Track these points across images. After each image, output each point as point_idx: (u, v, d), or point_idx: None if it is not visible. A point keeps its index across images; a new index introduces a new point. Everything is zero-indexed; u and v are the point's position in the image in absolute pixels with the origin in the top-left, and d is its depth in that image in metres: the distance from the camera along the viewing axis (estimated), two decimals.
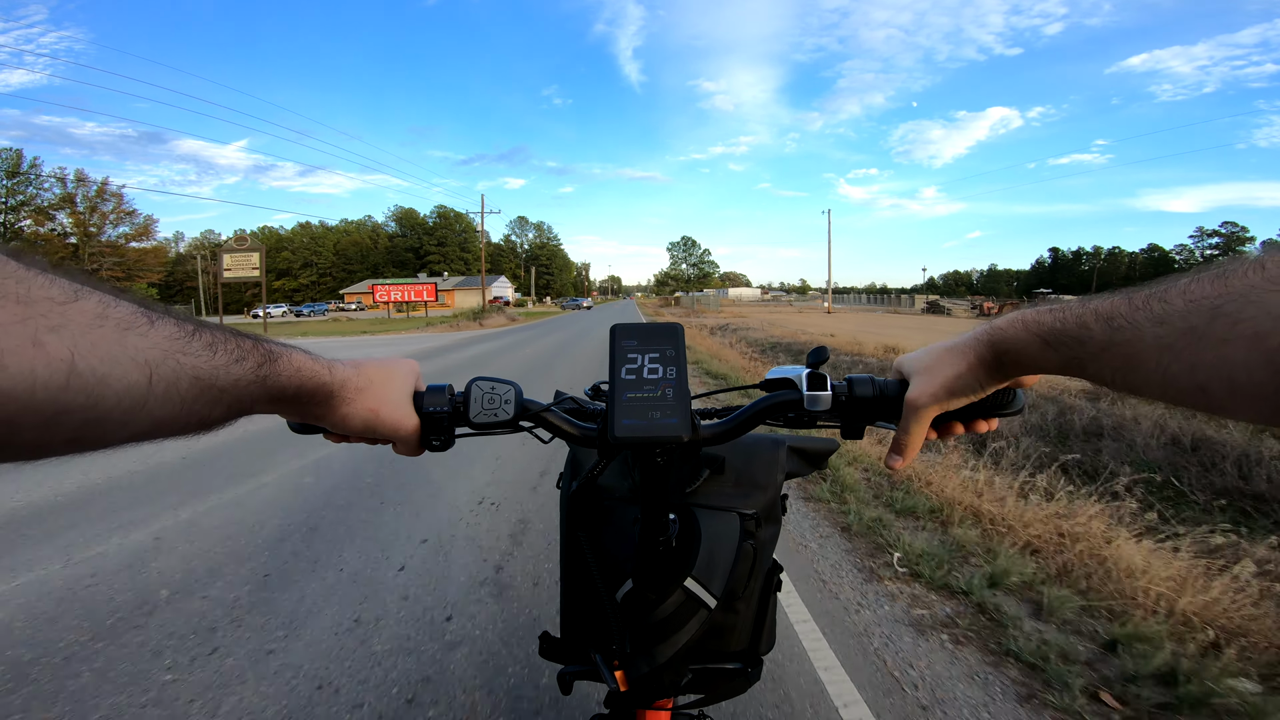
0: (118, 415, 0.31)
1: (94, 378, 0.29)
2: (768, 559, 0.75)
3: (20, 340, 0.26)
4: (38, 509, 3.29)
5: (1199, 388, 0.33)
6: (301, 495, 3.54)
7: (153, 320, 0.33)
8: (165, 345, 0.33)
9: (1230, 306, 0.31)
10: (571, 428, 0.59)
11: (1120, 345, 0.38)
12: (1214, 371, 0.32)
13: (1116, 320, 0.38)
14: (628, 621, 0.66)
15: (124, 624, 2.15)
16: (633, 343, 0.54)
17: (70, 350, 0.28)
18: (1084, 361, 0.41)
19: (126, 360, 0.31)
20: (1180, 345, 0.33)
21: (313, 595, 2.37)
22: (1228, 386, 0.31)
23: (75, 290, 0.30)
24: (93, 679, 1.85)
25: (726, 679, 0.74)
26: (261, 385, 0.42)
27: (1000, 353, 0.49)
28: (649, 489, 0.58)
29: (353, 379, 0.52)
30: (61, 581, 2.45)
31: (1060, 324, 0.43)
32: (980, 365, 0.51)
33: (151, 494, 3.55)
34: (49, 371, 0.27)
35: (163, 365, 0.33)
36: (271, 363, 0.43)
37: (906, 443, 0.55)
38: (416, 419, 0.56)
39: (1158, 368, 0.35)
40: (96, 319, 0.30)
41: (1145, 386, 0.37)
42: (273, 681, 1.85)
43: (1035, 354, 0.46)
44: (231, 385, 0.39)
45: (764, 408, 0.58)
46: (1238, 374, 0.30)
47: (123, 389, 0.31)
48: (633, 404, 0.51)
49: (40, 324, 0.27)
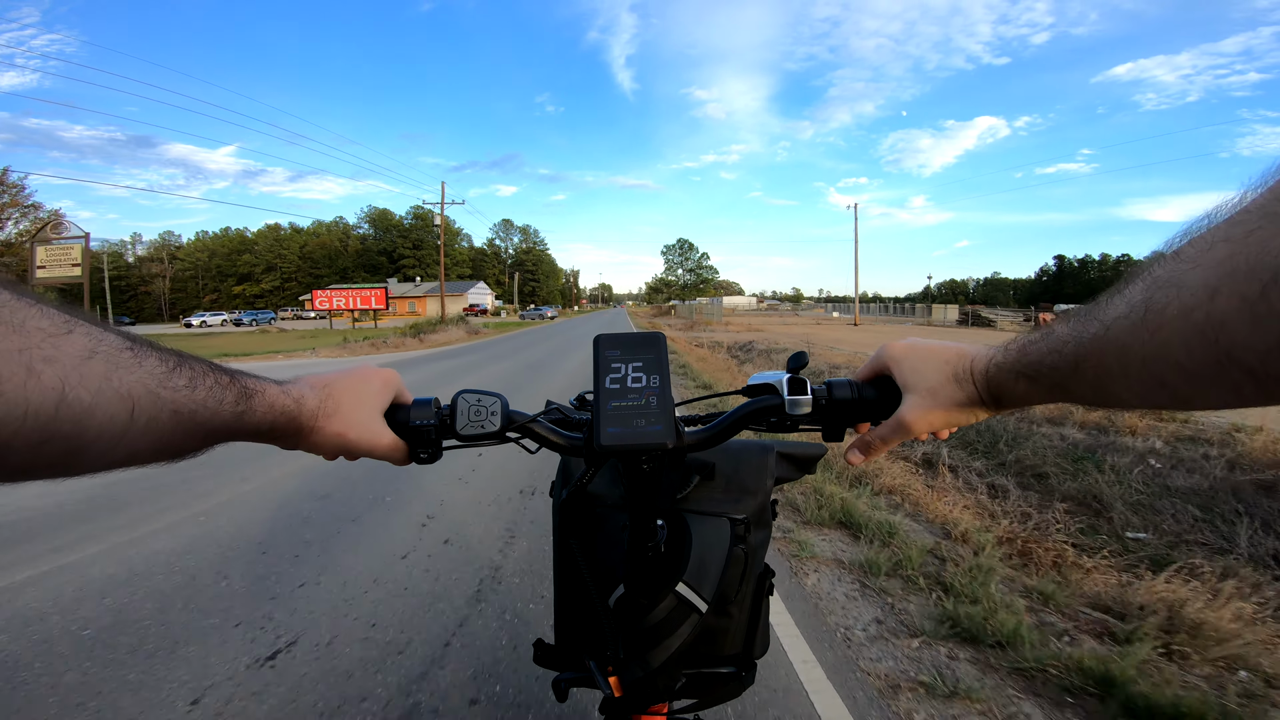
0: (100, 445, 0.32)
1: (81, 408, 0.30)
2: (759, 563, 0.74)
3: (17, 368, 0.28)
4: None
5: (1159, 383, 0.33)
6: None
7: (138, 355, 0.35)
8: (148, 381, 0.35)
9: (1157, 295, 0.32)
10: (558, 438, 0.60)
11: (1086, 360, 0.38)
12: (1163, 362, 0.32)
13: (1076, 340, 0.39)
14: (621, 627, 0.66)
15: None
16: (616, 352, 0.55)
17: (61, 381, 0.29)
18: (1064, 386, 0.42)
19: (112, 393, 0.32)
20: (1128, 345, 0.34)
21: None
22: (1178, 373, 0.32)
23: (66, 322, 0.31)
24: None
25: (720, 683, 0.74)
26: (238, 421, 0.43)
27: (996, 393, 0.49)
28: (637, 496, 0.58)
29: (322, 405, 0.52)
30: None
31: (1034, 357, 0.44)
32: (979, 401, 0.51)
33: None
34: (41, 400, 0.28)
35: (145, 400, 0.34)
36: (248, 399, 0.44)
37: (879, 447, 0.56)
38: (390, 435, 0.56)
39: (1121, 373, 0.36)
40: (87, 353, 0.32)
41: (1121, 396, 0.38)
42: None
43: (1024, 390, 0.46)
44: (209, 420, 0.40)
45: (746, 413, 0.59)
46: (1180, 357, 0.31)
47: (106, 420, 0.32)
48: (617, 413, 0.51)
49: (35, 354, 0.29)
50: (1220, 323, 0.28)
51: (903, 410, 0.53)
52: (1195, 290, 0.29)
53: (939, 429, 0.53)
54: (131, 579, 2.53)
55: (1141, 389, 0.35)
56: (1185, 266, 0.30)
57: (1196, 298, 0.29)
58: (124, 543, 2.93)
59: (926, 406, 0.52)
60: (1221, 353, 0.28)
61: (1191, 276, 0.30)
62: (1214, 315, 0.28)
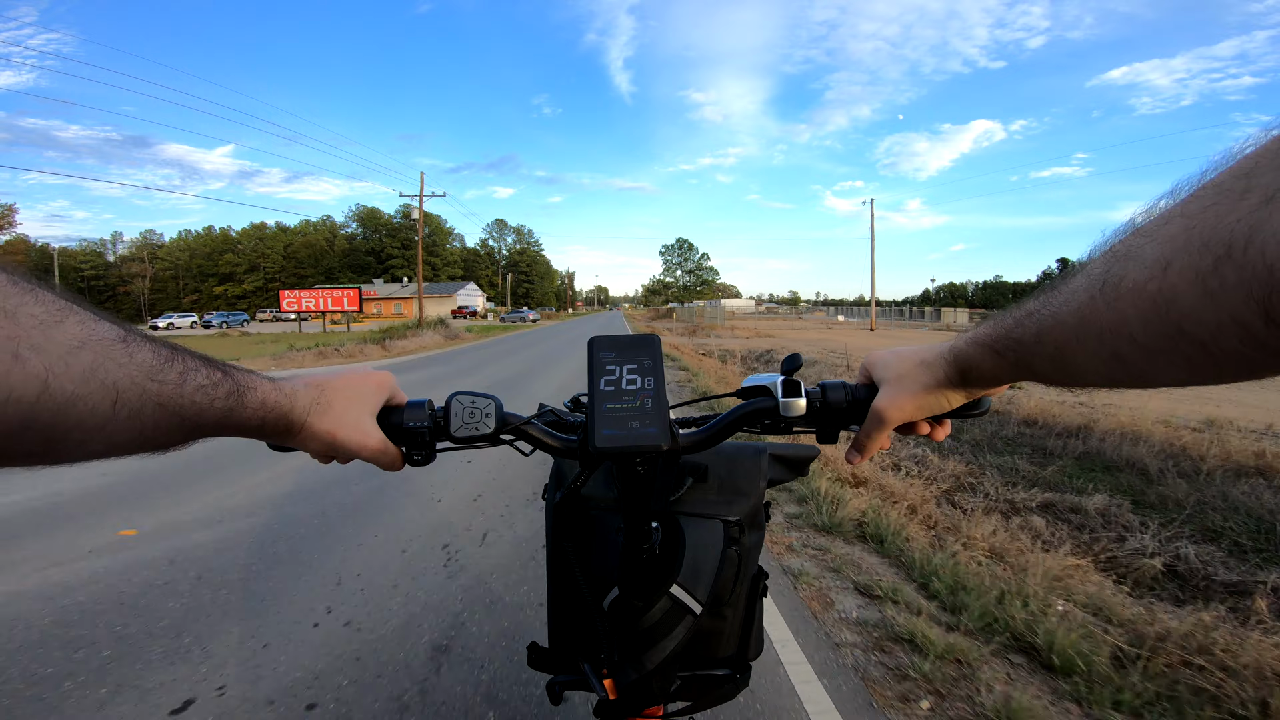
0: (78, 435, 0.32)
1: (64, 398, 0.30)
2: (753, 565, 0.74)
3: (2, 355, 0.27)
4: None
5: (1115, 356, 0.34)
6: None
7: (130, 347, 0.34)
8: (135, 374, 0.34)
9: (1115, 268, 0.32)
10: (552, 440, 0.60)
11: (1046, 334, 0.39)
12: (1118, 335, 0.33)
13: (1039, 312, 0.40)
14: (615, 629, 0.65)
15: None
16: (611, 354, 0.54)
17: (46, 369, 0.29)
18: (1028, 361, 0.43)
19: (97, 385, 0.32)
20: (1087, 317, 0.35)
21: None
22: (1133, 346, 0.32)
23: (60, 310, 0.31)
24: None
25: (715, 685, 0.74)
26: (227, 417, 0.42)
27: (964, 369, 0.51)
28: (631, 498, 0.58)
29: (315, 402, 0.51)
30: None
31: (1002, 329, 0.45)
32: (948, 382, 0.52)
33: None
34: (24, 388, 0.28)
35: (130, 392, 0.34)
36: (239, 396, 0.43)
37: (868, 445, 0.58)
38: (379, 436, 0.55)
39: (1080, 346, 0.36)
40: (78, 343, 0.31)
41: (1080, 373, 0.39)
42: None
43: (991, 365, 0.47)
44: (196, 416, 0.39)
45: (741, 415, 0.59)
46: (1135, 331, 0.31)
47: (87, 411, 0.31)
48: (612, 415, 0.51)
49: (23, 340, 0.28)
50: (1172, 296, 0.28)
51: (875, 401, 0.55)
52: (1149, 264, 0.30)
53: (912, 415, 0.54)
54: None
55: (1099, 364, 0.36)
56: (1142, 241, 0.31)
57: (1150, 270, 0.30)
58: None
59: (894, 393, 0.54)
60: (1173, 326, 0.29)
61: (1148, 250, 0.30)
62: (1166, 288, 0.29)
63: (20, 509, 3.39)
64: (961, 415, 0.56)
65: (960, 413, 0.55)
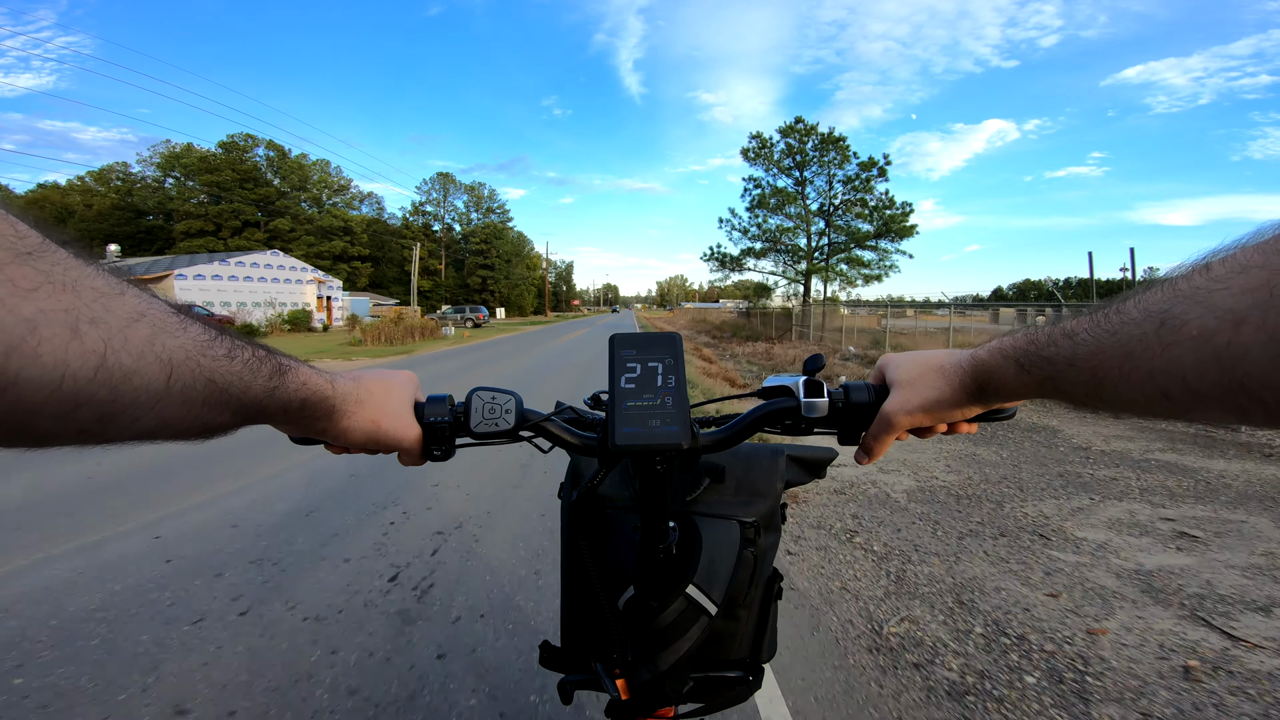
0: (132, 411, 0.31)
1: (120, 373, 0.29)
2: (768, 567, 0.74)
3: (60, 328, 0.26)
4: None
5: (1161, 394, 0.32)
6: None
7: (183, 322, 0.34)
8: (190, 346, 0.34)
9: (1177, 309, 0.31)
10: (572, 437, 0.59)
11: (1084, 359, 0.37)
12: (1169, 376, 0.31)
13: (1079, 335, 0.38)
14: (629, 629, 0.65)
15: None
16: (632, 352, 0.54)
17: (104, 343, 0.28)
18: (1056, 381, 0.41)
19: (153, 358, 0.31)
20: (1137, 353, 0.33)
21: None
22: (1183, 389, 0.31)
23: (119, 284, 0.30)
24: None
25: (727, 687, 0.74)
26: (270, 397, 0.42)
27: (982, 380, 0.49)
28: (649, 497, 0.57)
29: (354, 392, 0.51)
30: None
31: (1031, 344, 0.43)
32: (963, 391, 0.50)
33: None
34: (81, 363, 0.27)
35: (184, 366, 0.33)
36: (281, 375, 0.43)
37: (875, 447, 0.56)
38: (418, 429, 0.56)
39: (1121, 378, 0.35)
40: (136, 315, 0.30)
41: (1114, 400, 0.37)
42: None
43: (1012, 378, 0.45)
44: (243, 393, 0.38)
45: (762, 415, 0.58)
46: (1189, 376, 0.30)
47: (142, 385, 0.31)
48: (633, 412, 0.50)
49: (82, 314, 0.27)
50: (1242, 353, 0.27)
51: (885, 404, 0.54)
52: (1220, 313, 0.28)
53: (921, 422, 0.53)
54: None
55: (1142, 398, 0.34)
56: (1213, 285, 0.29)
57: (1221, 322, 0.28)
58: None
59: (905, 398, 0.53)
60: (1235, 382, 0.27)
61: (1219, 298, 0.28)
62: (1236, 344, 0.27)
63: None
64: (985, 420, 0.55)
65: (983, 417, 0.54)
